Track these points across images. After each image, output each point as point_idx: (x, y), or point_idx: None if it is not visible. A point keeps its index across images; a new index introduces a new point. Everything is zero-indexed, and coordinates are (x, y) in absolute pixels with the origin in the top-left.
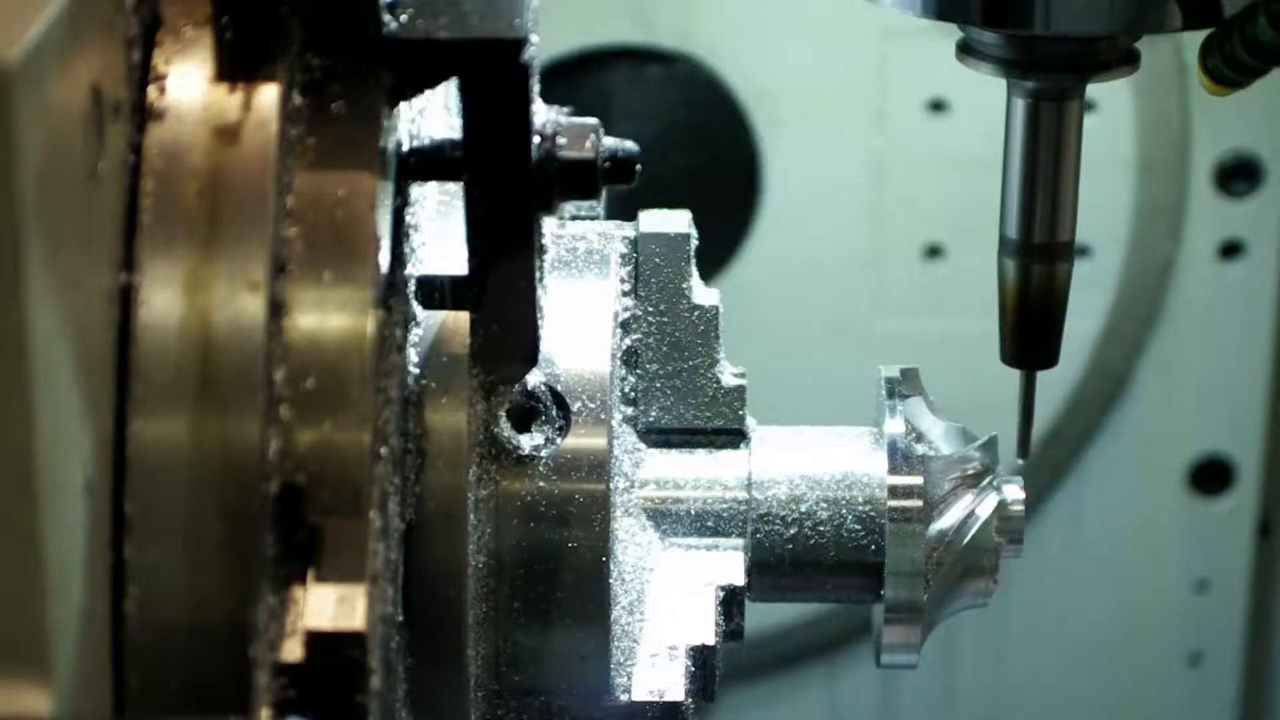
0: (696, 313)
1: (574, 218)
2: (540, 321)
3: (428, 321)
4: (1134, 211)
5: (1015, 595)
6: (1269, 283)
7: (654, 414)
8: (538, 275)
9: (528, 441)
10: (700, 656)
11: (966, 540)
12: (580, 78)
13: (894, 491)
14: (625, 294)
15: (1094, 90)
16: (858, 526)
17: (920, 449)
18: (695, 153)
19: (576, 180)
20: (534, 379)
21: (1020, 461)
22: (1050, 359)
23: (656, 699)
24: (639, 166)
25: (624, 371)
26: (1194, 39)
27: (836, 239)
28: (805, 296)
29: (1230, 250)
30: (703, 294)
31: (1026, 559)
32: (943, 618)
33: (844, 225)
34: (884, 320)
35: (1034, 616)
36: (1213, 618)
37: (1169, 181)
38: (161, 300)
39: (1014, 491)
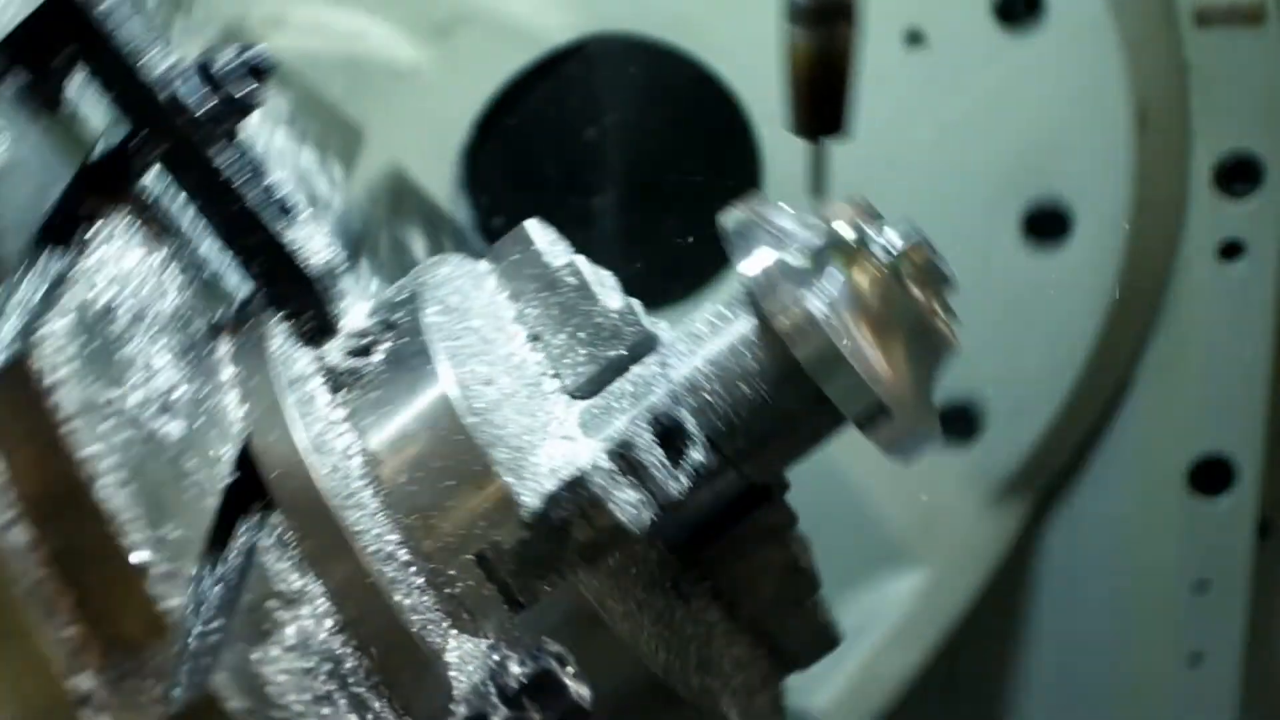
0: (561, 272)
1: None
2: (297, 247)
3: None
4: (1133, 211)
5: (1015, 595)
6: (1269, 283)
7: (578, 371)
8: (264, 207)
9: (361, 361)
10: (621, 457)
11: (875, 304)
12: (573, 71)
13: (772, 316)
14: (508, 298)
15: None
16: (775, 366)
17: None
18: (694, 149)
19: (207, 86)
20: (363, 322)
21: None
22: (838, 127)
23: (563, 481)
24: (268, 61)
25: (539, 355)
26: (1195, 37)
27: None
28: None
29: (1230, 250)
30: (556, 256)
31: (1026, 559)
32: (924, 386)
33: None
34: None
35: (1034, 616)
36: (1213, 618)
37: (1169, 181)
38: None
39: (893, 237)
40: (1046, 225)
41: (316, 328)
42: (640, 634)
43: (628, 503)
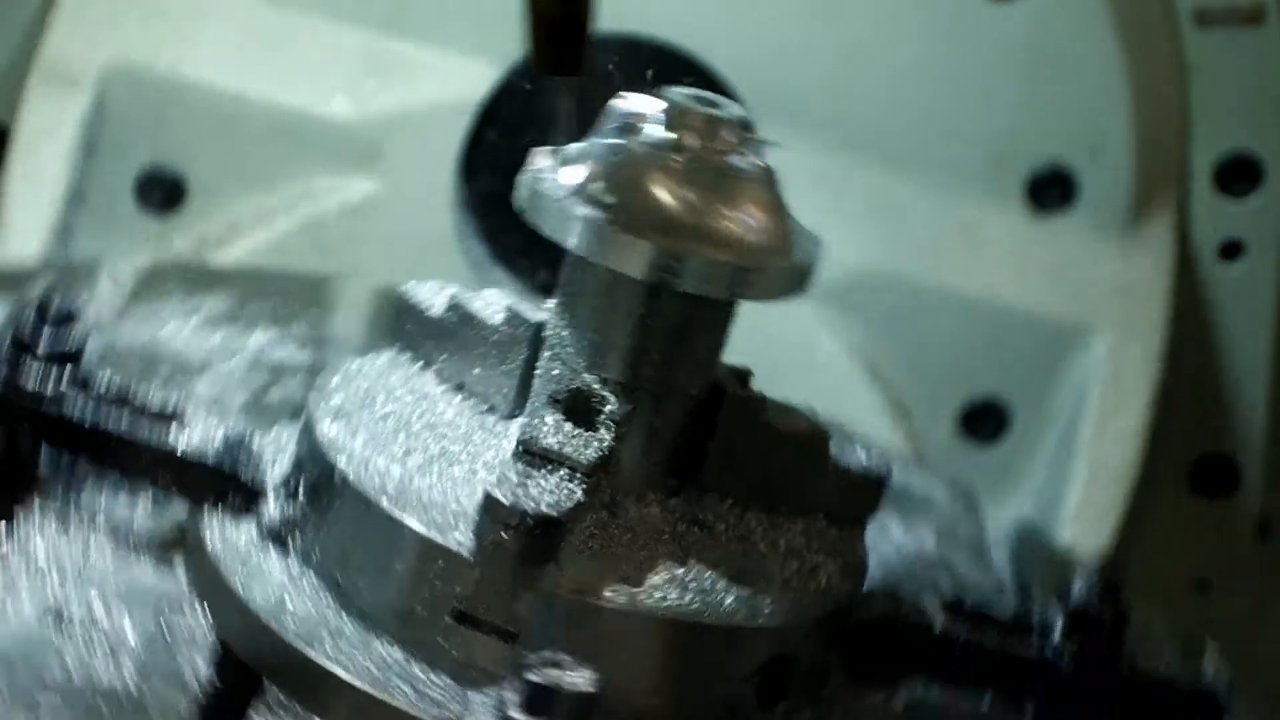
0: (446, 319)
1: None
2: None
3: None
4: (1136, 159)
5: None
6: (1269, 283)
7: (504, 394)
8: None
9: (292, 506)
10: (528, 452)
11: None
12: (507, 113)
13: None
14: (422, 368)
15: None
16: (633, 299)
17: None
18: None
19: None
20: (284, 469)
21: None
22: (577, 66)
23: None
24: (71, 307)
25: (471, 401)
26: (1195, 37)
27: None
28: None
29: (1230, 250)
30: (435, 305)
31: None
32: (773, 216)
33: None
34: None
35: None
36: (1213, 618)
37: (1169, 181)
38: None
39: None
40: (1050, 192)
41: (244, 500)
42: (650, 595)
43: (546, 492)
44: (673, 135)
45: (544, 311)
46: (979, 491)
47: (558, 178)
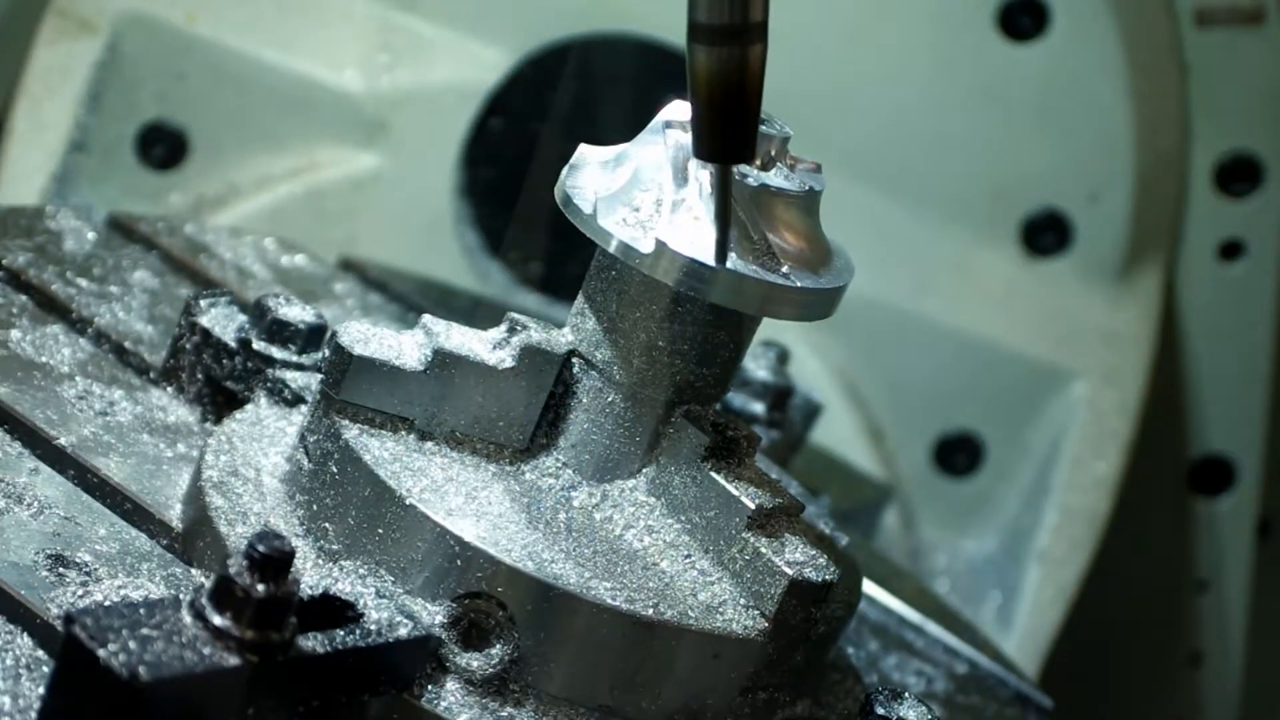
0: (430, 370)
1: None
2: None
3: None
4: (1133, 210)
5: (1015, 595)
6: (1269, 283)
7: (516, 429)
8: None
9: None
10: (754, 521)
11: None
12: (558, 72)
13: (640, 268)
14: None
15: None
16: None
17: None
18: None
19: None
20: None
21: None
22: (746, 152)
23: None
24: (288, 550)
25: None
26: (1195, 37)
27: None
28: None
29: (1230, 250)
30: (409, 356)
31: (1026, 558)
32: (809, 237)
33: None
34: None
35: (1034, 616)
36: (1213, 618)
37: (1169, 181)
38: None
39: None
40: (1045, 236)
41: None
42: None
43: (809, 559)
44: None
45: (549, 334)
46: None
47: (603, 180)
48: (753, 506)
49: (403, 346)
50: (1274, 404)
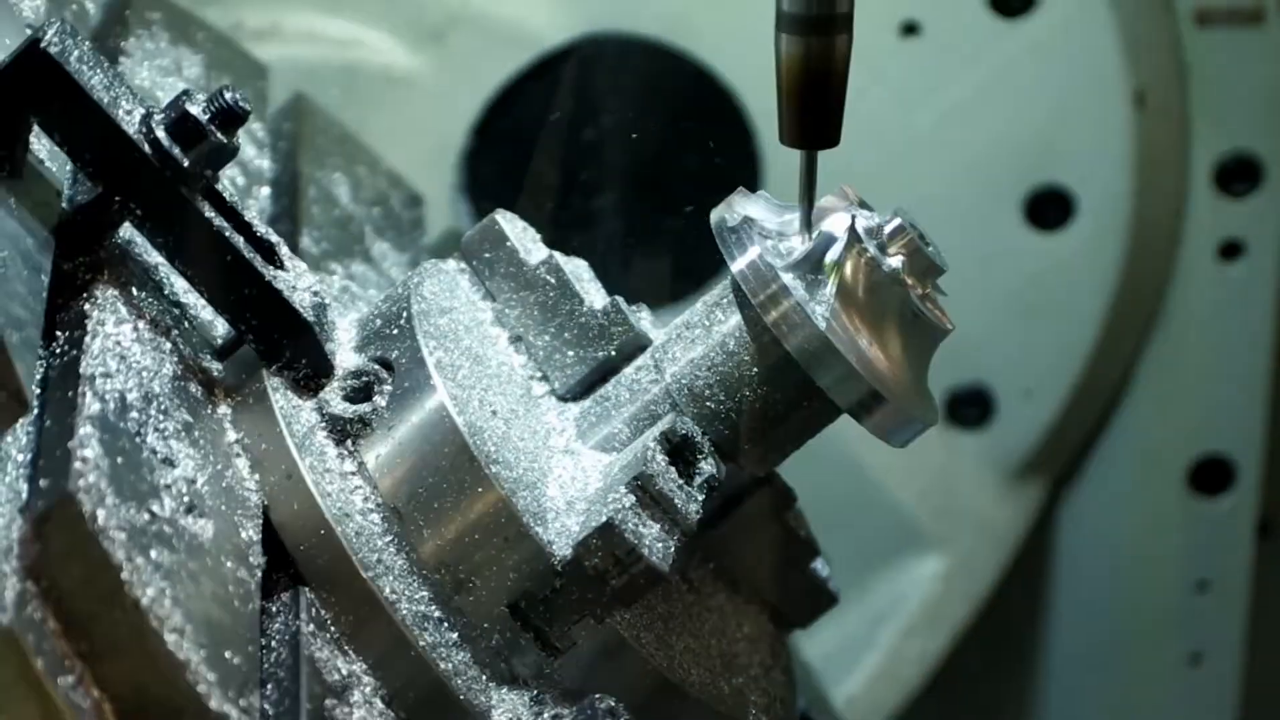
0: (538, 270)
1: None
2: (294, 289)
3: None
4: (1133, 211)
5: (1015, 595)
6: (1269, 283)
7: (566, 373)
8: (251, 251)
9: (366, 406)
10: (642, 489)
11: (866, 293)
12: (570, 71)
13: (763, 309)
14: (483, 298)
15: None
16: (769, 364)
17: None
18: (693, 148)
19: (188, 137)
20: (353, 361)
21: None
22: (831, 138)
23: (592, 530)
24: (244, 103)
25: (523, 358)
26: (1195, 37)
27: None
28: None
29: (1230, 250)
30: (535, 253)
31: (1026, 558)
32: (919, 371)
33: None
34: None
35: (1034, 616)
36: (1213, 618)
37: (1169, 181)
38: None
39: (880, 226)
40: (1049, 211)
41: (313, 373)
42: (674, 659)
43: (656, 540)
44: (893, 262)
45: (646, 322)
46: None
47: (768, 237)
48: (642, 472)
49: (532, 244)
50: (1274, 404)
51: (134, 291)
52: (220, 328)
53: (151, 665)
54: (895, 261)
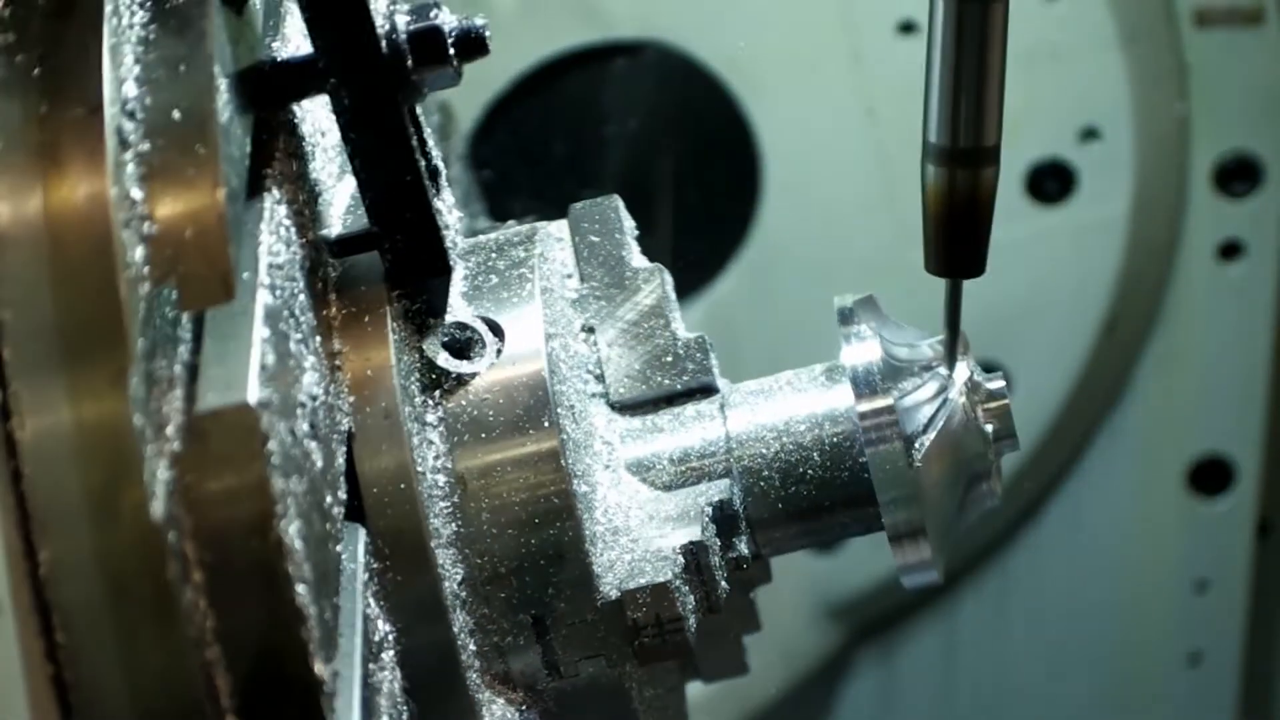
0: (639, 277)
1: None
2: (446, 227)
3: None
4: (1134, 211)
5: (1015, 595)
6: (1269, 283)
7: (626, 385)
8: (427, 178)
9: (468, 367)
10: (693, 556)
11: (953, 441)
12: (549, 87)
13: (864, 416)
14: (568, 276)
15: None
16: (838, 461)
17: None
18: (686, 136)
19: (427, 50)
20: (465, 315)
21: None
22: (976, 268)
23: (645, 584)
24: (489, 34)
25: (586, 348)
26: (1195, 37)
27: (845, 182)
28: (831, 244)
29: (1230, 250)
30: (637, 254)
31: (1026, 559)
32: (955, 529)
33: (849, 167)
34: (913, 249)
35: (1034, 616)
36: (1213, 618)
37: (1169, 181)
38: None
39: (994, 383)
40: (1050, 188)
41: (428, 309)
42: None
43: (692, 613)
44: (988, 427)
45: (714, 370)
46: None
47: (893, 384)
48: (698, 542)
49: (632, 242)
50: (1274, 404)
51: (293, 166)
52: (333, 219)
53: (273, 612)
54: (989, 426)
